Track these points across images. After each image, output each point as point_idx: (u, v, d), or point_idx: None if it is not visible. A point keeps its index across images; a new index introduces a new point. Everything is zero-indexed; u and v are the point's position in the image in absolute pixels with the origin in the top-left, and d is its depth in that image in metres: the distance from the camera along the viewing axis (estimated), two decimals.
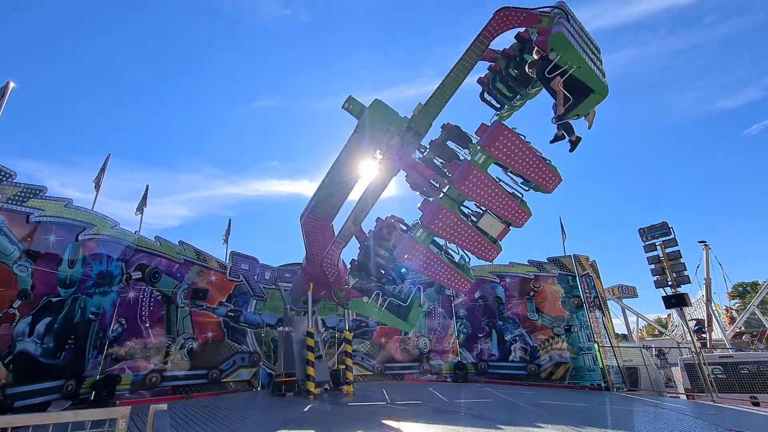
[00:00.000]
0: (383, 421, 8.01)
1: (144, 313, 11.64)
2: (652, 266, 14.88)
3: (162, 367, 11.51)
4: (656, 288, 14.74)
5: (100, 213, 10.49)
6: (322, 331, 14.27)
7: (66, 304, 9.29)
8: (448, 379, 15.43)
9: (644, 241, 15.27)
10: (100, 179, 11.49)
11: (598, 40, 6.88)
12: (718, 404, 10.75)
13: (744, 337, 29.46)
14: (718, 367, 12.33)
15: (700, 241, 27.32)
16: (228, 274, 14.09)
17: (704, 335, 25.82)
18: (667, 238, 14.80)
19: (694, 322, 28.74)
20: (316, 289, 12.11)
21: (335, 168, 10.31)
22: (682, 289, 14.37)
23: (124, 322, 11.18)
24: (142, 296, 11.73)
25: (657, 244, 14.96)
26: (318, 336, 13.09)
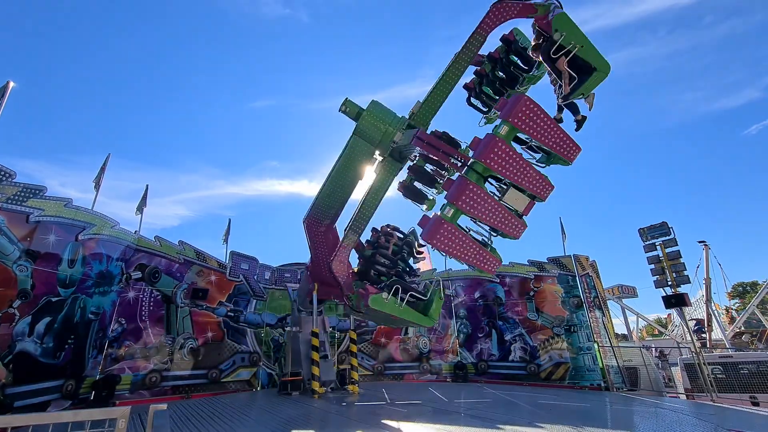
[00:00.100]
0: (383, 421, 8.01)
1: (144, 313, 11.63)
2: (652, 266, 14.87)
3: (162, 367, 11.51)
4: (656, 288, 14.73)
5: (100, 213, 10.49)
6: (329, 331, 14.27)
7: (66, 304, 9.28)
8: (447, 379, 15.43)
9: (644, 241, 15.26)
10: (100, 179, 11.49)
11: (598, 40, 7.11)
12: (718, 404, 10.75)
13: (744, 337, 29.49)
14: (718, 367, 12.32)
15: (700, 241, 27.42)
16: (228, 274, 14.08)
17: (704, 335, 25.85)
18: (667, 238, 14.79)
19: (694, 322, 28.78)
20: (321, 290, 12.23)
21: (335, 170, 10.30)
22: (682, 289, 14.36)
23: (124, 322, 11.18)
24: (141, 296, 11.73)
25: (657, 244, 14.95)
26: (324, 336, 13.18)
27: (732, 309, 38.24)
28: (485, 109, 9.64)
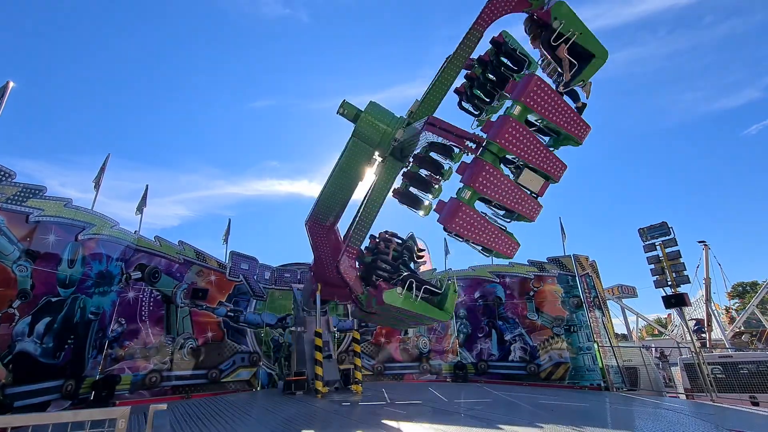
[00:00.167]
0: (383, 421, 8.01)
1: (144, 313, 11.63)
2: (652, 266, 14.88)
3: (161, 367, 11.51)
4: (656, 288, 14.76)
5: (100, 213, 10.49)
6: (334, 331, 14.28)
7: (65, 304, 9.28)
8: (447, 379, 15.44)
9: (644, 241, 15.27)
10: (100, 179, 11.49)
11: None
12: (718, 404, 10.75)
13: (743, 337, 29.52)
14: (718, 367, 12.33)
15: (700, 241, 27.43)
16: (228, 274, 14.08)
17: (704, 335, 25.85)
18: (667, 238, 14.80)
19: (694, 321, 28.79)
20: (324, 290, 12.31)
21: (335, 173, 10.34)
22: (682, 289, 14.38)
23: (124, 322, 11.18)
24: (141, 296, 11.73)
25: (657, 244, 14.97)
26: (328, 336, 13.22)
27: (732, 309, 38.27)
28: (476, 112, 9.75)
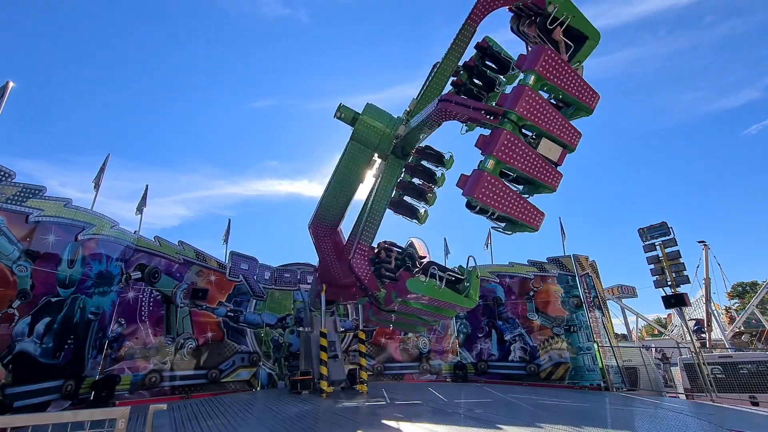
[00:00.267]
0: (383, 421, 8.01)
1: (143, 313, 11.63)
2: (652, 266, 14.88)
3: (161, 367, 11.51)
4: (656, 288, 14.75)
5: (100, 213, 10.50)
6: (341, 331, 14.26)
7: (65, 304, 9.28)
8: (447, 379, 15.44)
9: (644, 241, 15.27)
10: (100, 179, 11.50)
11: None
12: (718, 404, 10.76)
13: (743, 337, 29.54)
14: (718, 367, 12.33)
15: (700, 241, 27.43)
16: (228, 274, 14.08)
17: (703, 335, 25.85)
18: (667, 238, 14.81)
19: (694, 322, 28.78)
20: (330, 291, 12.48)
21: (336, 176, 10.41)
22: (682, 289, 14.38)
23: (124, 322, 11.18)
24: (141, 296, 11.73)
25: (656, 244, 14.97)
26: (335, 336, 13.26)
27: (731, 309, 38.28)
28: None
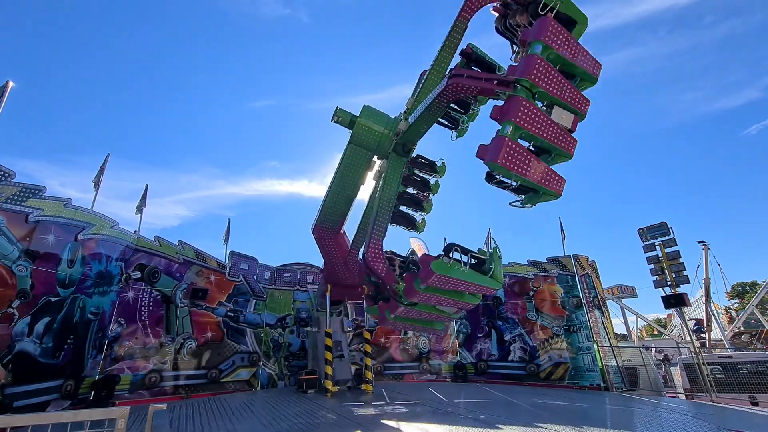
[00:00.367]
0: (383, 421, 8.01)
1: (143, 313, 11.63)
2: (652, 266, 14.89)
3: (161, 367, 11.51)
4: (655, 288, 14.77)
5: (100, 213, 10.49)
6: (348, 331, 14.26)
7: (65, 304, 9.28)
8: (447, 379, 15.44)
9: (643, 241, 15.28)
10: (100, 179, 11.49)
11: (598, 40, 7.42)
12: (717, 404, 10.77)
13: (743, 337, 29.52)
14: (717, 367, 12.33)
15: (699, 241, 27.42)
16: (227, 274, 14.08)
17: (703, 335, 25.85)
18: (666, 238, 14.82)
19: (694, 322, 28.78)
20: (335, 291, 12.66)
21: (337, 180, 10.45)
22: (682, 289, 14.40)
23: (124, 322, 11.17)
24: (141, 296, 11.72)
25: (656, 244, 14.98)
26: (341, 336, 13.29)
27: (731, 309, 38.30)
28: (452, 126, 9.91)
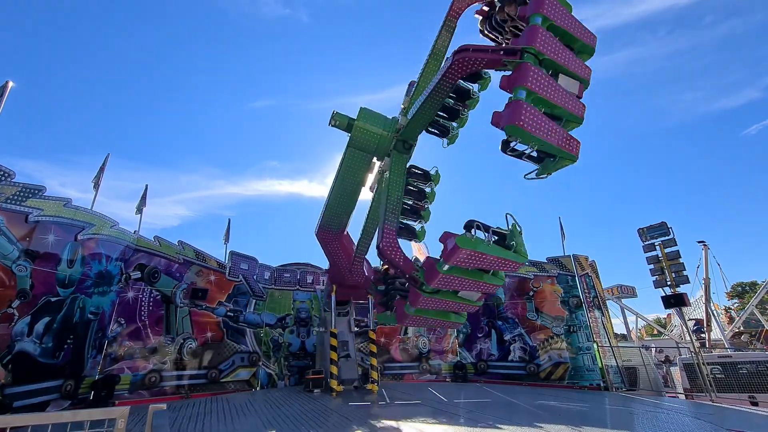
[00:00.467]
0: (383, 421, 8.02)
1: (143, 313, 11.62)
2: (651, 266, 14.88)
3: (161, 366, 11.50)
4: (655, 288, 14.75)
5: (99, 213, 10.49)
6: (355, 331, 14.25)
7: (65, 304, 9.28)
8: (447, 379, 15.44)
9: (643, 241, 15.27)
10: (99, 179, 11.49)
11: (598, 41, 7.42)
12: (717, 404, 10.77)
13: (743, 337, 29.52)
14: (717, 367, 12.34)
15: (699, 241, 27.37)
16: (227, 274, 14.08)
17: (703, 335, 25.84)
18: (666, 238, 14.81)
19: (693, 321, 28.78)
20: (340, 292, 12.82)
21: (337, 184, 10.47)
22: (681, 289, 14.37)
23: (123, 322, 11.17)
24: (141, 296, 11.72)
25: (656, 244, 14.97)
26: (348, 336, 13.32)
27: (731, 309, 38.30)
28: (443, 133, 9.99)
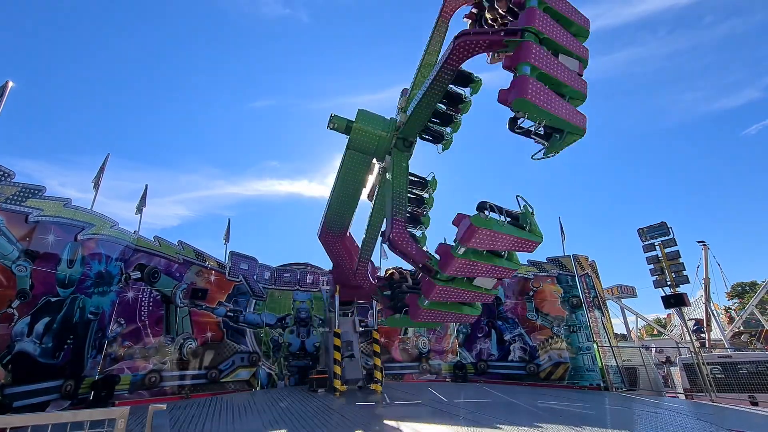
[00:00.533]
0: (383, 421, 8.02)
1: (143, 313, 11.62)
2: (651, 266, 14.88)
3: (161, 367, 11.50)
4: (655, 288, 14.75)
5: (99, 213, 10.49)
6: (360, 331, 14.27)
7: (65, 304, 9.27)
8: (447, 379, 15.44)
9: (643, 241, 15.27)
10: (99, 179, 11.48)
11: (598, 41, 7.38)
12: (717, 404, 10.77)
13: (743, 337, 29.53)
14: (717, 367, 12.34)
15: (699, 241, 27.35)
16: (227, 274, 14.08)
17: (703, 335, 25.84)
18: (666, 238, 14.81)
19: (693, 321, 28.78)
20: (344, 292, 12.95)
21: (338, 186, 10.46)
22: (681, 289, 14.37)
23: (123, 322, 11.17)
24: (141, 296, 11.71)
25: (656, 244, 14.97)
26: (353, 336, 13.35)
27: (731, 309, 38.30)
28: (437, 140, 10.02)
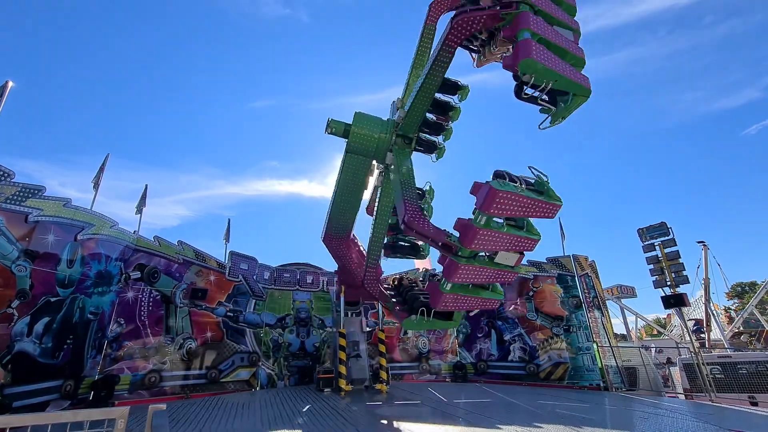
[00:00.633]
0: (383, 422, 8.02)
1: (143, 313, 11.62)
2: (651, 266, 14.89)
3: (161, 367, 11.50)
4: (655, 288, 14.77)
5: (99, 213, 10.48)
6: (366, 331, 14.25)
7: (65, 304, 9.27)
8: (447, 379, 15.44)
9: (643, 242, 15.29)
10: (99, 179, 11.48)
11: (598, 41, 7.54)
12: (717, 404, 10.78)
13: (742, 337, 29.55)
14: (717, 367, 12.34)
15: (699, 242, 27.38)
16: (227, 274, 14.08)
17: (703, 335, 25.85)
18: (666, 238, 14.82)
19: (693, 322, 28.79)
20: (349, 292, 13.06)
21: (339, 190, 10.48)
22: (681, 289, 14.39)
23: (123, 322, 11.17)
24: (140, 296, 11.71)
25: (656, 244, 14.98)
26: (359, 336, 13.35)
27: (731, 309, 38.31)
28: (430, 150, 10.16)
